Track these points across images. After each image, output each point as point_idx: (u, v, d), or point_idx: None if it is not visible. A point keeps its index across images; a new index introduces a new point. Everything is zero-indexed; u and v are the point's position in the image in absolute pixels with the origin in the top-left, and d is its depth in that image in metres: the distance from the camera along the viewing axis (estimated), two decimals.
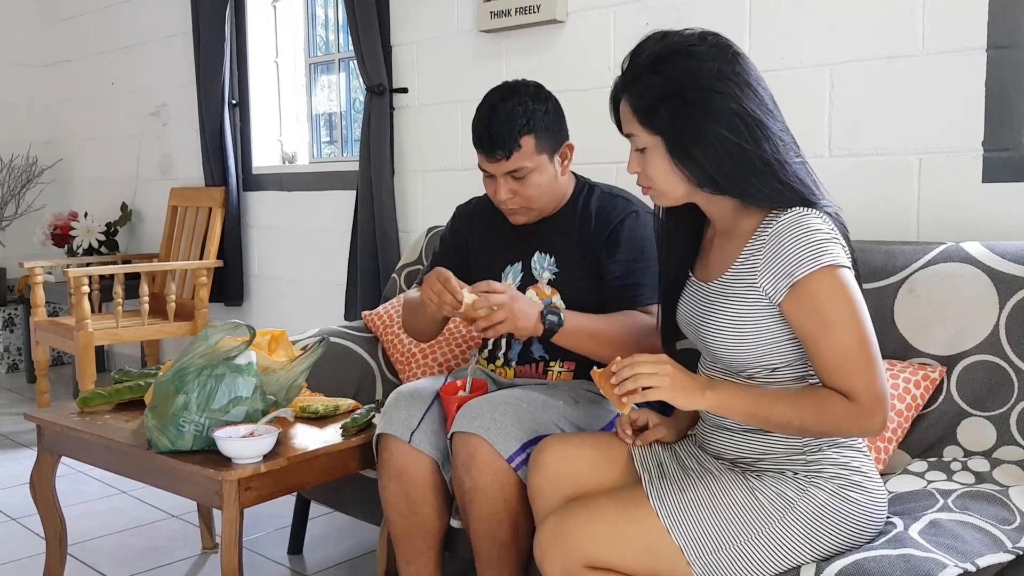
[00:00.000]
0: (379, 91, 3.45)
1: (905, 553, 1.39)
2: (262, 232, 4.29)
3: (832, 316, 1.42)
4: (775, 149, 1.46)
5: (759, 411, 1.47)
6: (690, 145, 1.46)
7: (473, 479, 1.78)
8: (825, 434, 1.48)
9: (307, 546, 2.73)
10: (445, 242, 2.30)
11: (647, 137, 1.50)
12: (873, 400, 1.41)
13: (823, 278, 1.42)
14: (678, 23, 1.59)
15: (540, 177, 2.01)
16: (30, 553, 2.70)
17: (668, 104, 1.46)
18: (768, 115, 1.47)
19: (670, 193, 1.54)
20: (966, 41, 2.19)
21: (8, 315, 5.22)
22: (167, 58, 4.64)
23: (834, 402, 1.42)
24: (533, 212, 2.06)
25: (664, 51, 1.48)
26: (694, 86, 1.44)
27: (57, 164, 5.41)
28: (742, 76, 1.46)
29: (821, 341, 1.43)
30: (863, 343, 1.42)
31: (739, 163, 1.45)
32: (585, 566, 1.48)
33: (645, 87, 1.48)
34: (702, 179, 1.49)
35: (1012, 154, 2.16)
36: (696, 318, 1.59)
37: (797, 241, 1.43)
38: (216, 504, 1.83)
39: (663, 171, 1.51)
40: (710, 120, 1.44)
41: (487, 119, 1.98)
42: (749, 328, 1.50)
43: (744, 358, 1.52)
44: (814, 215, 1.45)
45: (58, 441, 2.19)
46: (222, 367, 1.91)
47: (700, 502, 1.49)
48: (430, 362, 2.56)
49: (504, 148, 1.96)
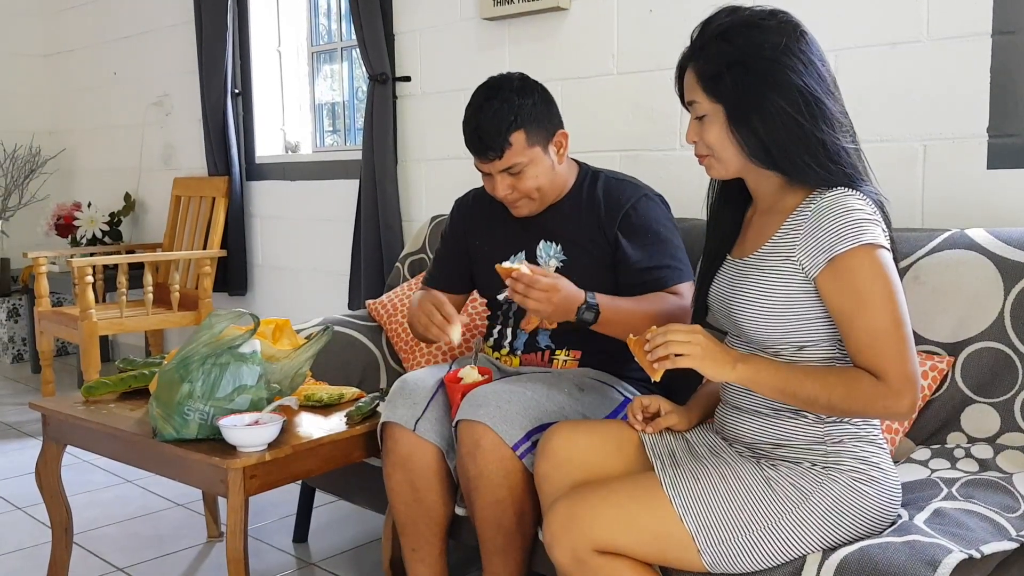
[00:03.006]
0: (382, 80, 3.44)
1: (910, 539, 1.40)
2: (265, 222, 4.29)
3: (868, 294, 1.42)
4: (831, 129, 1.48)
5: (788, 386, 1.47)
6: (750, 114, 1.48)
7: (478, 467, 1.78)
8: (851, 413, 1.47)
9: (312, 534, 2.73)
10: (445, 240, 2.29)
11: (708, 104, 1.53)
12: (902, 381, 1.40)
13: (862, 256, 1.42)
14: (682, 10, 1.59)
15: (536, 169, 2.01)
16: (36, 542, 2.71)
17: (733, 71, 1.48)
18: (828, 95, 1.49)
19: (726, 162, 1.56)
20: (971, 27, 2.18)
21: (12, 305, 5.22)
22: (169, 47, 4.63)
23: (863, 381, 1.42)
24: (535, 203, 2.06)
25: (734, 22, 1.51)
26: (760, 56, 1.47)
27: (60, 154, 5.40)
28: (807, 54, 1.49)
29: (855, 319, 1.43)
30: (897, 324, 1.42)
31: (794, 137, 1.47)
32: (595, 550, 1.49)
33: (713, 54, 1.51)
34: (756, 149, 1.51)
35: (1017, 140, 2.15)
36: (727, 293, 1.60)
37: (839, 218, 1.44)
38: (221, 492, 1.83)
39: (720, 139, 1.53)
40: (771, 91, 1.46)
41: (475, 121, 1.99)
42: (779, 303, 1.50)
43: (772, 334, 1.52)
44: (857, 196, 1.46)
45: (63, 430, 2.20)
46: (226, 356, 1.91)
47: (714, 490, 1.49)
48: (434, 350, 2.56)
49: (495, 148, 1.96)
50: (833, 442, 1.51)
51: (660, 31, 2.72)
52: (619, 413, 1.93)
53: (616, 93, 2.85)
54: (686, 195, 2.53)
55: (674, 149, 2.71)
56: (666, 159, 2.74)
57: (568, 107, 2.95)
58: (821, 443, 1.52)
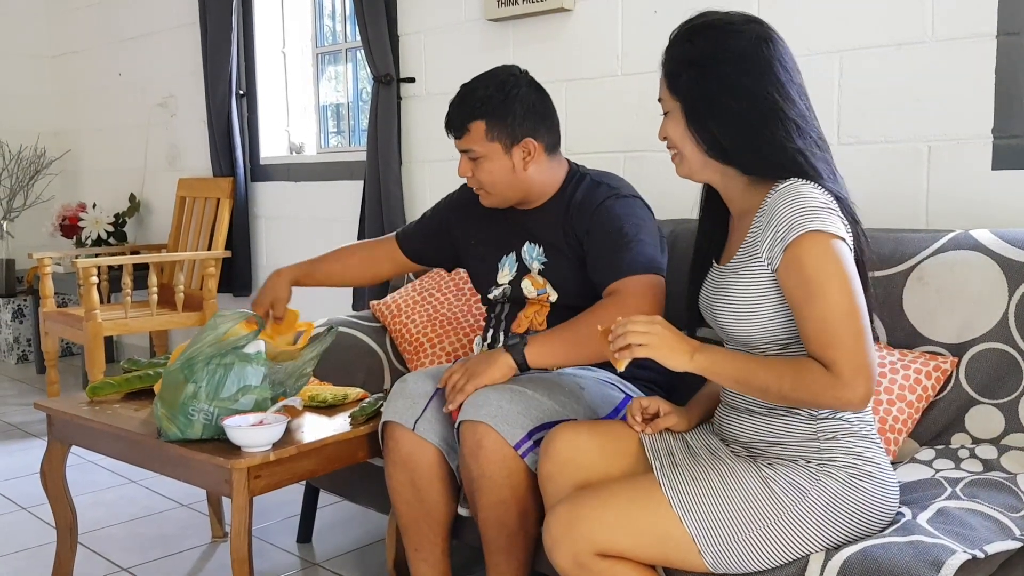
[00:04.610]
0: (386, 81, 3.45)
1: (914, 540, 1.40)
2: (270, 222, 4.30)
3: (816, 282, 1.42)
4: (785, 132, 1.49)
5: (742, 375, 1.49)
6: (703, 113, 1.53)
7: (480, 467, 1.78)
8: (802, 403, 1.47)
9: (316, 535, 2.74)
10: (437, 210, 2.34)
11: (670, 101, 1.59)
12: (852, 372, 1.39)
13: (811, 242, 1.43)
14: (686, 11, 1.62)
15: (491, 165, 2.03)
16: (41, 542, 2.72)
17: (691, 71, 1.53)
18: (786, 100, 1.50)
19: (689, 159, 1.60)
20: (976, 28, 2.18)
21: (17, 306, 5.23)
22: (174, 49, 4.64)
23: (811, 370, 1.42)
24: (493, 197, 2.08)
25: (702, 24, 1.57)
26: (716, 59, 1.52)
27: (65, 155, 5.42)
28: (765, 60, 1.51)
29: (804, 307, 1.43)
30: (849, 313, 1.41)
31: (746, 138, 1.51)
32: (596, 553, 1.49)
33: (675, 52, 1.57)
34: (711, 146, 1.55)
35: (1022, 141, 2.14)
36: (711, 299, 1.62)
37: (789, 206, 1.46)
38: (226, 492, 1.84)
39: (681, 136, 1.58)
40: (723, 93, 1.51)
41: (456, 95, 2.06)
42: (756, 302, 1.52)
43: (753, 334, 1.53)
44: (811, 186, 1.48)
45: (68, 430, 2.20)
46: (231, 356, 1.91)
47: (713, 491, 1.50)
48: (438, 351, 2.56)
49: (453, 127, 2.05)
50: (826, 438, 1.51)
51: (664, 32, 2.69)
52: (620, 412, 1.93)
53: (620, 94, 2.85)
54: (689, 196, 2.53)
55: None
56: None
57: (572, 108, 2.96)
58: (814, 440, 1.52)
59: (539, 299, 2.08)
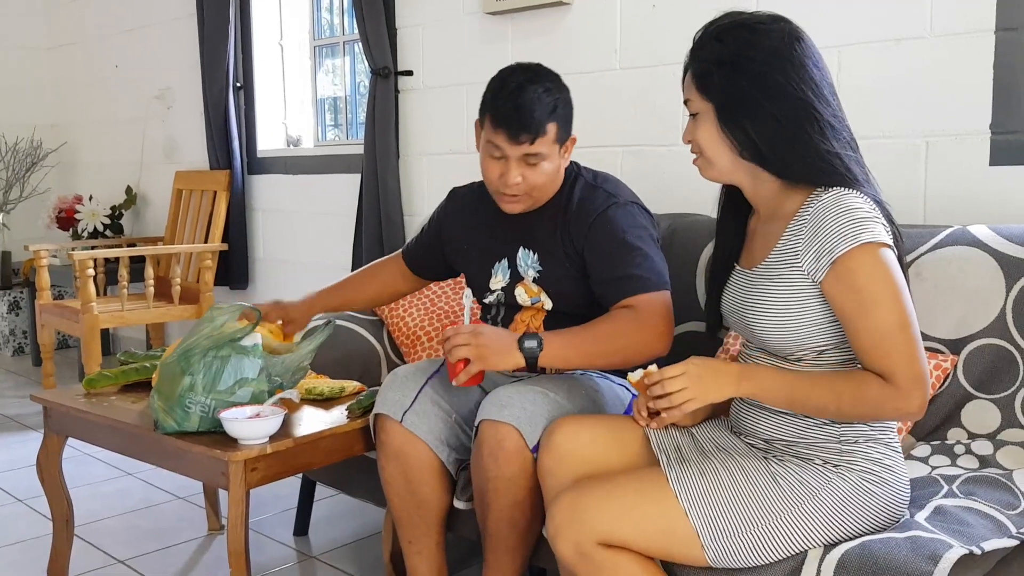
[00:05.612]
0: (384, 74, 3.44)
1: (911, 535, 1.40)
2: (267, 215, 4.29)
3: (871, 294, 1.41)
4: (820, 133, 1.48)
5: (796, 397, 1.48)
6: (738, 114, 1.50)
7: (500, 468, 1.75)
8: (864, 417, 1.47)
9: (313, 527, 2.74)
10: (431, 223, 2.24)
11: (700, 103, 1.54)
12: (911, 382, 1.40)
13: (863, 255, 1.42)
14: (684, 6, 1.60)
15: (549, 165, 1.93)
16: (37, 534, 2.71)
17: (722, 71, 1.50)
18: (819, 99, 1.49)
19: (716, 162, 1.57)
20: (975, 23, 2.18)
21: (13, 298, 5.23)
22: (171, 41, 4.63)
23: (871, 384, 1.42)
24: (531, 200, 1.98)
25: (730, 23, 1.53)
26: (749, 58, 1.49)
27: (61, 147, 5.40)
28: (799, 58, 1.49)
29: (859, 320, 1.42)
30: (902, 324, 1.41)
31: (783, 140, 1.48)
32: (599, 543, 1.49)
33: (706, 53, 1.53)
34: (745, 148, 1.52)
35: (1020, 137, 2.15)
36: (740, 304, 1.60)
37: (837, 219, 1.43)
38: (222, 485, 1.84)
39: (711, 138, 1.55)
40: (758, 93, 1.48)
41: (516, 99, 1.87)
42: (793, 311, 1.50)
43: (790, 342, 1.52)
44: (855, 194, 1.46)
45: (65, 422, 2.20)
46: (228, 348, 1.91)
47: (720, 486, 1.50)
48: (435, 344, 2.56)
49: (531, 131, 1.87)
50: (848, 442, 1.51)
51: (663, 26, 2.71)
52: (630, 410, 1.92)
53: (619, 88, 2.85)
54: (688, 191, 2.53)
55: (676, 144, 2.71)
56: (668, 154, 2.73)
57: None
58: (836, 442, 1.52)
59: (534, 307, 2.03)
